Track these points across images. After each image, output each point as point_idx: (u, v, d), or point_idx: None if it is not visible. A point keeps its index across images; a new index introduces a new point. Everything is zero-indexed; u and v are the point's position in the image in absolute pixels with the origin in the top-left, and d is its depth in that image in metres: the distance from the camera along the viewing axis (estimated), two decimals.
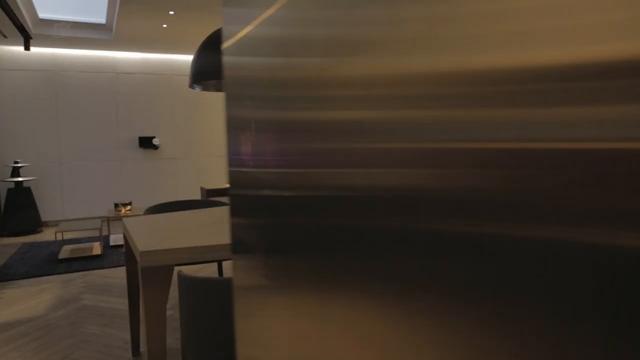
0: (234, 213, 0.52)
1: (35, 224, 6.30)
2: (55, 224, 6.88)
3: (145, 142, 7.27)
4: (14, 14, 4.83)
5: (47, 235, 6.14)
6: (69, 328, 2.92)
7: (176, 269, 2.69)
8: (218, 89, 2.46)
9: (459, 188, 0.24)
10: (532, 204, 0.20)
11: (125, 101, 7.20)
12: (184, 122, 7.59)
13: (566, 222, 0.19)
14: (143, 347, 2.61)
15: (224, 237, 1.84)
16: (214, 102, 7.77)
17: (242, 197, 0.50)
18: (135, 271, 2.46)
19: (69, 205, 6.94)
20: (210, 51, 2.14)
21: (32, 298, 3.56)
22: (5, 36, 5.79)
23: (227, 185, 5.63)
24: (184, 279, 1.58)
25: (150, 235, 1.89)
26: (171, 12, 4.98)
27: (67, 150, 6.90)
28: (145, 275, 1.69)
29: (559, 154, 0.19)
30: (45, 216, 6.83)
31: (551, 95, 0.19)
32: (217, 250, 1.74)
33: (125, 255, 2.45)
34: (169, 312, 3.15)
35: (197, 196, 7.77)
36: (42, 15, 5.63)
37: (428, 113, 0.26)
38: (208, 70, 2.11)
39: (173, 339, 2.73)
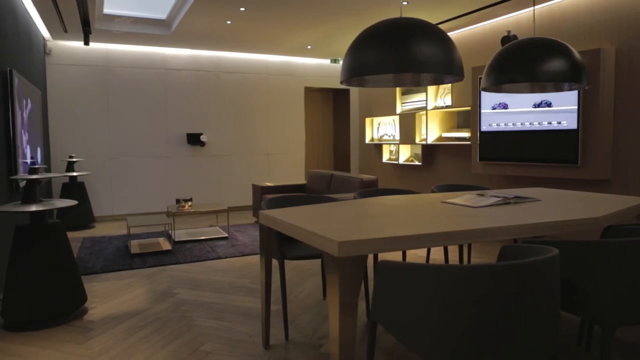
0: None
1: (89, 219, 6.30)
2: (104, 219, 6.88)
3: (193, 139, 7.27)
4: (86, 8, 4.83)
5: (101, 230, 6.14)
6: (183, 321, 2.91)
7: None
8: (360, 84, 2.45)
9: None
10: None
11: (173, 97, 7.20)
12: (230, 120, 7.59)
13: None
14: (273, 341, 2.60)
15: (410, 228, 1.84)
16: (260, 100, 7.76)
17: None
18: (270, 264, 2.46)
19: (118, 200, 6.94)
20: (367, 47, 2.13)
21: (125, 291, 3.55)
22: (66, 31, 5.80)
23: (272, 184, 5.60)
24: (389, 266, 1.57)
25: (330, 227, 1.88)
26: (242, 9, 4.97)
27: (116, 145, 6.91)
28: (342, 266, 1.68)
29: None
30: (95, 211, 6.83)
31: None
32: (410, 241, 1.73)
33: (261, 247, 2.44)
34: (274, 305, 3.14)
35: (248, 193, 7.76)
36: (106, 10, 5.64)
37: None
38: (368, 64, 2.10)
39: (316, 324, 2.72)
